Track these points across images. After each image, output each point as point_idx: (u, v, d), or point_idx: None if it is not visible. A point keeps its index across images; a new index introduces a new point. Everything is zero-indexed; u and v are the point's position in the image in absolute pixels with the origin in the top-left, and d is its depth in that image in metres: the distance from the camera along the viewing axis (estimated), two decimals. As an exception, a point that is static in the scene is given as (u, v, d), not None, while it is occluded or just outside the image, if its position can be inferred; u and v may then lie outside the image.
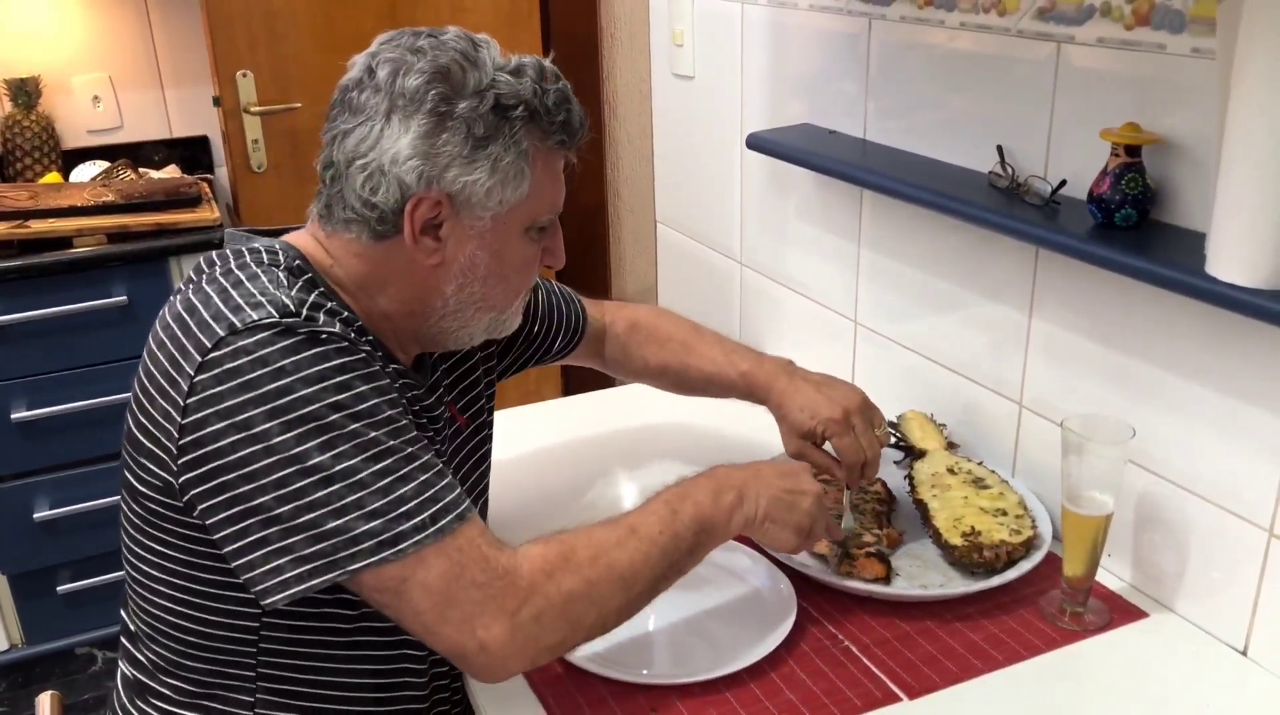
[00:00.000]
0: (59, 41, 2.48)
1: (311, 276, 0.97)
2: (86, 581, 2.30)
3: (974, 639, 1.11)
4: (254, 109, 2.35)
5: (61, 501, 2.21)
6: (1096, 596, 1.16)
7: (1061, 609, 1.14)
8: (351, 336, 0.93)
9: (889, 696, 1.03)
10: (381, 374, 0.93)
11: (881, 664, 1.07)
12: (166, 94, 2.61)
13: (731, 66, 1.81)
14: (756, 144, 1.61)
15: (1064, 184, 1.17)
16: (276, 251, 0.98)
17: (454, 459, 1.13)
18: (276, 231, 1.05)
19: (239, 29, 2.31)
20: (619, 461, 1.51)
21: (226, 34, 2.30)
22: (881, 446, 1.24)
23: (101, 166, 2.42)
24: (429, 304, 1.02)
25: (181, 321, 0.92)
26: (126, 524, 1.00)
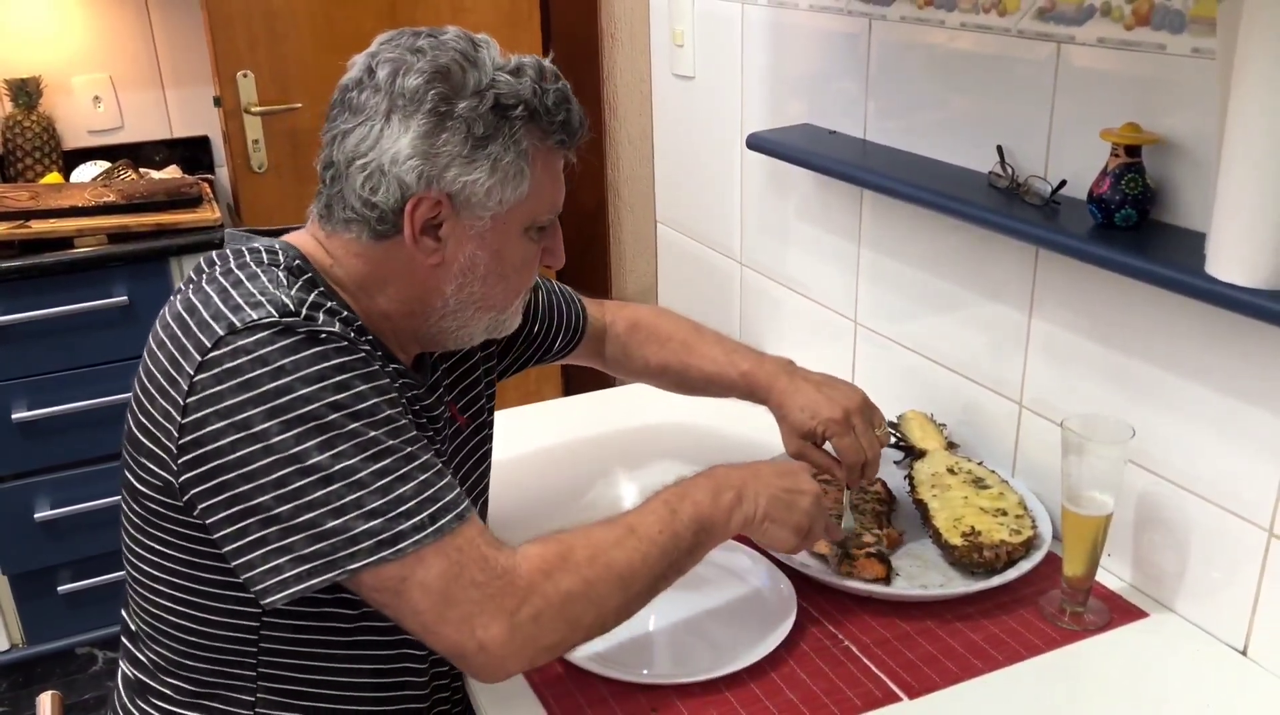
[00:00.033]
0: (59, 41, 2.48)
1: (311, 276, 0.97)
2: (87, 581, 2.30)
3: (974, 639, 1.11)
4: (254, 109, 2.36)
5: (62, 501, 2.21)
6: (1096, 596, 1.16)
7: (1061, 609, 1.14)
8: (351, 336, 0.93)
9: (889, 696, 1.03)
10: (381, 374, 0.93)
11: (881, 664, 1.07)
12: (167, 94, 2.61)
13: (732, 66, 1.81)
14: (756, 144, 1.61)
15: (1064, 184, 1.17)
16: (276, 251, 0.98)
17: (454, 459, 1.13)
18: (277, 231, 1.05)
19: (239, 29, 2.31)
20: (619, 461, 1.51)
21: (227, 34, 2.30)
22: (882, 446, 1.24)
23: (102, 167, 2.42)
24: (429, 304, 1.02)
25: (181, 321, 0.93)
26: (127, 524, 1.00)
